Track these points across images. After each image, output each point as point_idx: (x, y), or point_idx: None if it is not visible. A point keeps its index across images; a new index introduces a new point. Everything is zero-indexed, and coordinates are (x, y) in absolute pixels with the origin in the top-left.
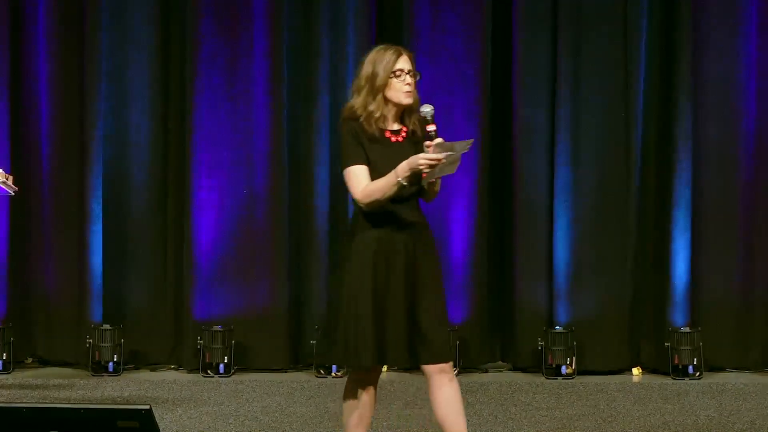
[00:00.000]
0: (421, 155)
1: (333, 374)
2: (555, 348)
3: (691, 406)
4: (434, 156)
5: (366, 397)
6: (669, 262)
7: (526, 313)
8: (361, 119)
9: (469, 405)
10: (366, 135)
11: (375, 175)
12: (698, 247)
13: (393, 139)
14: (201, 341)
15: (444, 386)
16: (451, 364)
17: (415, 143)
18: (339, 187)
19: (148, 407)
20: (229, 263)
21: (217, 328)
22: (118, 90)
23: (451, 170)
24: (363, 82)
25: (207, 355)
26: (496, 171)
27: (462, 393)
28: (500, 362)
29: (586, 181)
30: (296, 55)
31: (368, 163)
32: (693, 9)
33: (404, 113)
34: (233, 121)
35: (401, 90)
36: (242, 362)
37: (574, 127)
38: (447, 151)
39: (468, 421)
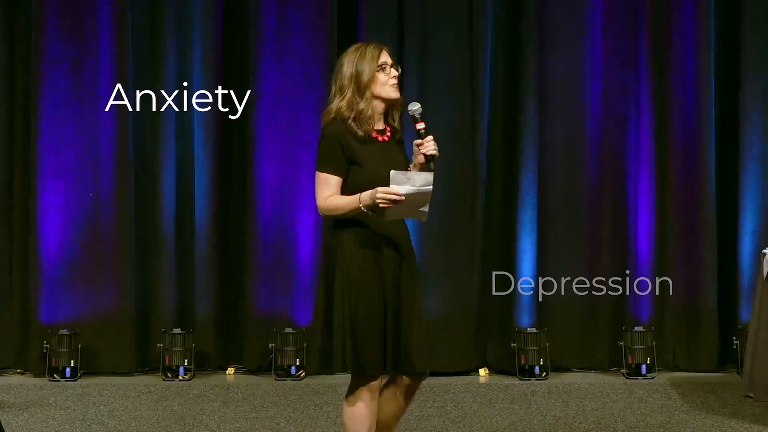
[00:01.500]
0: (380, 189)
1: (180, 377)
2: None
3: (537, 407)
4: (391, 191)
5: (374, 406)
6: (515, 263)
7: None
8: (349, 120)
9: (317, 407)
10: (355, 137)
11: (365, 176)
12: (544, 248)
13: (380, 138)
14: (47, 345)
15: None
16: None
17: (398, 142)
18: (185, 191)
19: None
20: (76, 267)
21: (64, 331)
22: None
23: (421, 216)
24: (347, 81)
25: (53, 359)
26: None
27: (310, 395)
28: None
29: (433, 182)
30: (142, 57)
31: (347, 172)
32: (537, 11)
33: (387, 112)
34: (79, 124)
35: (387, 83)
36: (89, 366)
37: None
38: (405, 185)
39: (315, 423)
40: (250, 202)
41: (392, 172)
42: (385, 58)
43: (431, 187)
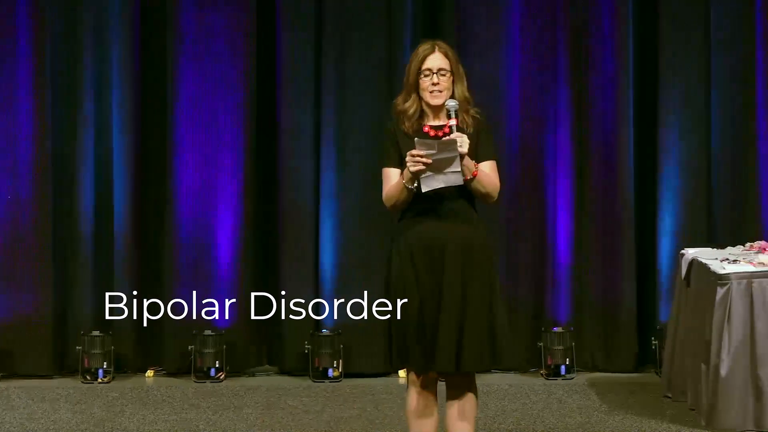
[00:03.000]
0: (409, 152)
1: (99, 380)
2: (322, 351)
3: None
4: (415, 152)
5: (421, 403)
6: None
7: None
8: (401, 115)
9: (236, 410)
10: (402, 132)
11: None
12: None
13: (432, 134)
14: None
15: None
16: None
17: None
18: (104, 194)
19: None
20: None
21: None
22: None
23: (456, 180)
24: (405, 77)
25: None
26: (262, 174)
27: (229, 397)
28: (267, 366)
29: (352, 184)
30: (60, 60)
31: (400, 164)
32: (456, 11)
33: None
34: None
35: (427, 89)
36: (6, 369)
37: (340, 130)
38: (429, 149)
39: (235, 426)
40: (169, 204)
41: (416, 139)
42: (431, 63)
43: (457, 151)
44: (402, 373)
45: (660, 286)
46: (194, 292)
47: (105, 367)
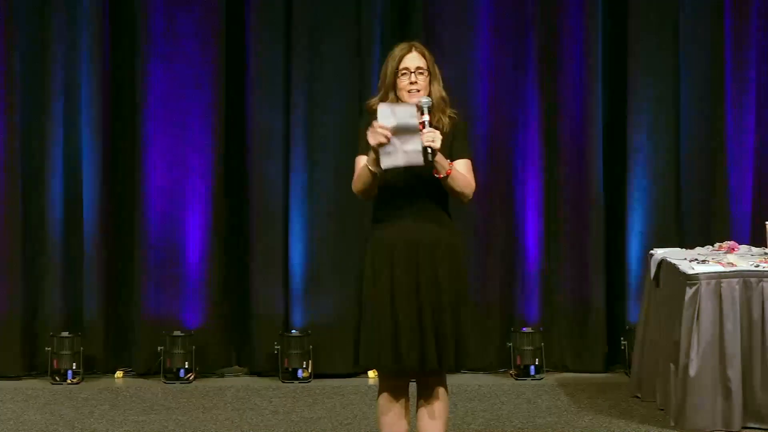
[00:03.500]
0: (370, 127)
1: (69, 381)
2: (291, 352)
3: None
4: (377, 124)
5: (391, 405)
6: None
7: (262, 317)
8: (371, 116)
9: (205, 410)
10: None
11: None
12: None
13: None
14: None
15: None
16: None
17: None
18: (73, 194)
19: None
20: None
21: None
22: None
23: (416, 160)
24: (381, 78)
25: None
26: (232, 176)
27: (198, 398)
28: (236, 366)
29: (321, 185)
30: (29, 60)
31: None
32: (425, 12)
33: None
34: None
35: (405, 89)
36: None
37: (310, 131)
38: (389, 118)
39: (205, 427)
40: (138, 204)
41: (379, 104)
42: (409, 63)
43: (416, 120)
44: (372, 373)
45: (629, 286)
46: (164, 293)
47: (74, 368)
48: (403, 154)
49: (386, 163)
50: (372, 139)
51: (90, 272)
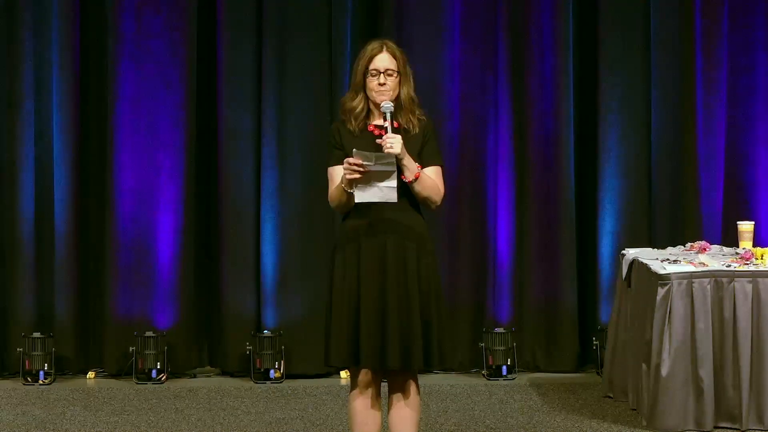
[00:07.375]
0: (347, 159)
1: (40, 381)
2: (263, 352)
3: None
4: (352, 161)
5: (363, 402)
6: None
7: (233, 317)
8: (347, 113)
9: (177, 411)
10: (347, 132)
11: None
12: None
13: (377, 133)
14: None
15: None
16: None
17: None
18: (44, 195)
19: None
20: None
21: None
22: None
23: (389, 196)
24: (352, 76)
25: None
26: (203, 176)
27: (170, 399)
28: (208, 367)
29: (292, 185)
30: (0, 59)
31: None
32: (396, 13)
33: (395, 109)
34: None
35: (374, 89)
36: None
37: (280, 132)
38: (367, 161)
39: (177, 427)
40: (109, 205)
41: (354, 150)
42: (378, 64)
43: (394, 166)
44: (344, 374)
45: (601, 286)
46: (135, 294)
47: (46, 368)
48: (378, 190)
49: (360, 198)
50: (347, 175)
51: (61, 273)
